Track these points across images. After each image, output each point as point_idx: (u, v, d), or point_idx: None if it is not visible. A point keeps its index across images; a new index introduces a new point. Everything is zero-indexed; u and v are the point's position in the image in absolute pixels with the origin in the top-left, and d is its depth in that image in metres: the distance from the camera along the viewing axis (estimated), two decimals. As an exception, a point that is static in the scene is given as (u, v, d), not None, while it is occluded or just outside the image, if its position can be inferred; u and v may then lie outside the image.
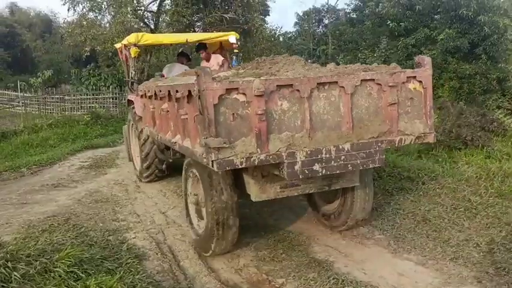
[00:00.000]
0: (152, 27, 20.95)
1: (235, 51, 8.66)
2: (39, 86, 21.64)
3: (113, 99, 19.10)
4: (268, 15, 28.26)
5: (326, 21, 39.65)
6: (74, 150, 10.92)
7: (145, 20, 21.16)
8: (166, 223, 5.61)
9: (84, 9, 19.70)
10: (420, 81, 4.15)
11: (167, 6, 21.56)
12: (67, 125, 14.14)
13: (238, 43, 8.65)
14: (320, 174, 3.76)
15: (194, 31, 20.48)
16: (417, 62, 4.28)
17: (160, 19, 21.80)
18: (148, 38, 7.78)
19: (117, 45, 8.75)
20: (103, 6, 19.52)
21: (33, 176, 8.71)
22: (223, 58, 7.90)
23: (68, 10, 19.87)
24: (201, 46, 8.01)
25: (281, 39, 31.25)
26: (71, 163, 9.75)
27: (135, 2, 19.72)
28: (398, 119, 4.06)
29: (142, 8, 20.83)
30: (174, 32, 18.31)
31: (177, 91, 4.11)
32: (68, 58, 29.61)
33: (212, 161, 3.40)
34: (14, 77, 29.62)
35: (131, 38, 7.57)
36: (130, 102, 7.80)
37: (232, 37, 8.16)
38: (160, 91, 4.89)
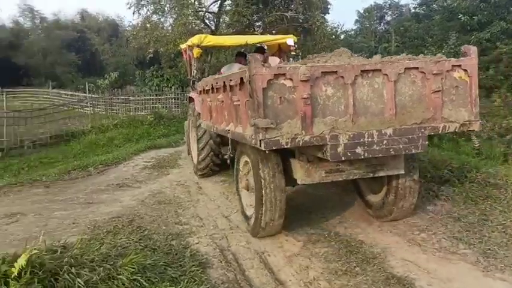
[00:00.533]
0: (213, 28, 21.11)
1: (293, 53, 8.54)
2: (106, 88, 22.50)
3: (175, 99, 19.41)
4: (328, 13, 27.66)
5: (388, 18, 38.33)
6: (137, 150, 11.11)
7: (206, 21, 21.35)
8: (229, 228, 5.38)
9: (148, 12, 20.25)
10: (465, 70, 4.23)
11: (227, 7, 21.66)
12: (131, 125, 14.50)
13: (296, 45, 8.68)
14: (362, 157, 3.94)
15: (254, 31, 20.39)
16: (463, 51, 4.37)
17: (220, 20, 21.92)
18: (210, 40, 8.05)
19: (182, 46, 9.00)
20: (166, 8, 19.93)
21: (100, 175, 8.90)
22: (279, 60, 7.80)
23: (133, 13, 20.48)
24: (259, 49, 8.04)
25: (342, 37, 30.38)
26: (135, 163, 9.89)
27: (196, 3, 19.94)
28: (442, 106, 4.18)
29: (204, 9, 21.04)
30: (234, 32, 18.33)
31: (230, 80, 4.46)
32: (133, 60, 30.67)
33: (260, 141, 3.72)
34: (84, 79, 31.20)
35: (194, 39, 7.88)
36: (191, 99, 8.15)
37: (290, 40, 8.22)
38: (216, 83, 5.25)
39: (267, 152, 4.23)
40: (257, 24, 21.77)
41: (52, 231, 5.33)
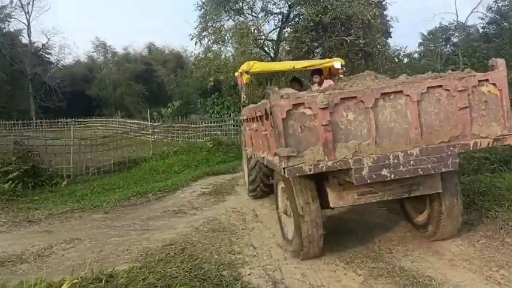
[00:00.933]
0: (272, 55, 21.28)
1: (341, 76, 8.53)
2: (169, 116, 23.21)
3: (234, 126, 19.55)
4: (391, 37, 27.06)
5: (455, 40, 36.73)
6: (196, 177, 11.15)
7: (265, 48, 21.57)
8: (283, 258, 5.06)
9: (209, 42, 20.83)
10: (494, 84, 4.17)
11: (286, 34, 21.79)
12: (191, 152, 14.68)
13: (344, 68, 8.73)
14: (389, 178, 3.97)
15: (313, 56, 20.28)
16: (491, 64, 4.28)
17: (280, 47, 22.07)
18: (258, 66, 8.42)
19: (237, 73, 9.21)
20: (226, 37, 20.40)
21: (158, 202, 8.96)
22: (333, 83, 7.67)
23: (195, 44, 21.19)
24: (317, 71, 8.15)
25: (405, 60, 29.44)
26: (192, 189, 9.89)
27: (255, 31, 20.24)
28: (471, 122, 4.15)
29: (263, 37, 21.31)
30: (294, 59, 18.31)
31: (259, 111, 4.72)
32: (196, 90, 31.49)
33: (283, 168, 3.88)
34: (150, 109, 32.49)
35: (244, 66, 8.29)
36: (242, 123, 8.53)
37: (337, 63, 8.35)
38: (251, 113, 5.52)
39: (292, 178, 4.45)
40: (316, 51, 21.66)
41: (106, 257, 5.32)
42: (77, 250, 5.75)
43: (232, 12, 21.19)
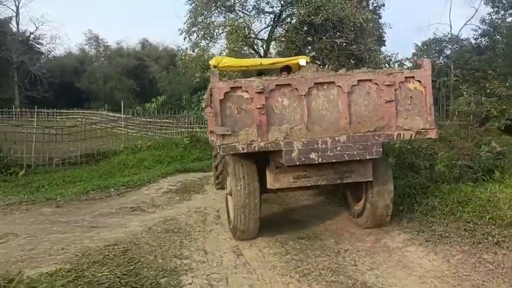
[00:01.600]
0: (262, 54, 20.72)
1: None
2: (153, 111, 22.57)
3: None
4: (384, 45, 26.73)
5: (448, 52, 36.58)
6: (166, 173, 10.55)
7: (255, 47, 21.03)
8: (234, 266, 4.48)
9: (197, 38, 20.21)
10: (420, 81, 4.53)
11: (278, 34, 21.26)
12: (165, 147, 14.01)
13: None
14: (316, 162, 4.29)
15: (304, 58, 19.75)
16: (418, 63, 4.70)
17: (270, 46, 21.54)
18: (227, 61, 8.63)
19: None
20: (215, 33, 19.79)
21: (119, 198, 8.36)
22: None
23: (184, 39, 20.56)
24: (285, 68, 8.12)
25: (396, 66, 29.13)
26: (159, 186, 9.33)
27: (245, 29, 19.66)
28: (397, 115, 4.50)
29: (253, 35, 20.76)
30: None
31: (207, 94, 5.11)
32: (188, 88, 30.83)
33: (219, 146, 4.22)
34: (140, 105, 31.76)
35: (213, 61, 8.37)
36: None
37: (302, 60, 8.40)
38: (204, 98, 5.91)
39: (235, 160, 4.84)
40: (308, 53, 21.15)
41: (35, 256, 4.74)
42: (6, 247, 5.14)
43: (223, 8, 20.61)
